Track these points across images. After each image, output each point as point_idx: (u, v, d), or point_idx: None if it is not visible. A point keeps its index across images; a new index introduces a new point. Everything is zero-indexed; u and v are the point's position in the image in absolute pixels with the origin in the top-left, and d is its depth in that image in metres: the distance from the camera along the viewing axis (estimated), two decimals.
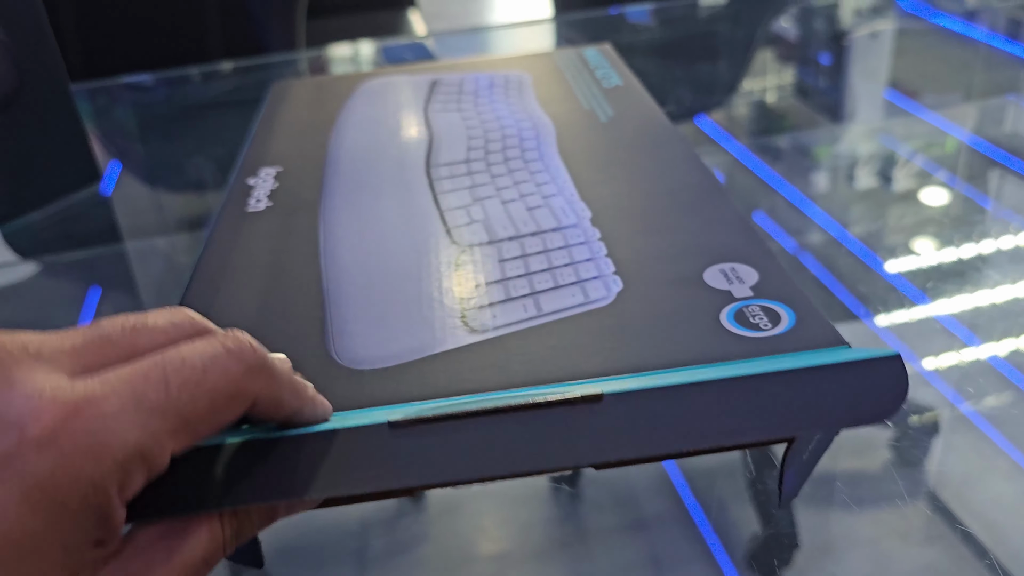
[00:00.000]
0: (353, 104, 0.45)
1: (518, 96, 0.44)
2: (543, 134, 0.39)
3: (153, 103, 0.78)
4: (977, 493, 0.31)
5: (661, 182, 0.33)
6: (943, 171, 0.55)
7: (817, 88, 0.72)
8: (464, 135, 0.40)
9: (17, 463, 0.16)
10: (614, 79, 0.46)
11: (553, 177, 0.35)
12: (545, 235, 0.30)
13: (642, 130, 0.39)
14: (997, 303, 0.41)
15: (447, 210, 0.33)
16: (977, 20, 0.81)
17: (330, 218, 0.33)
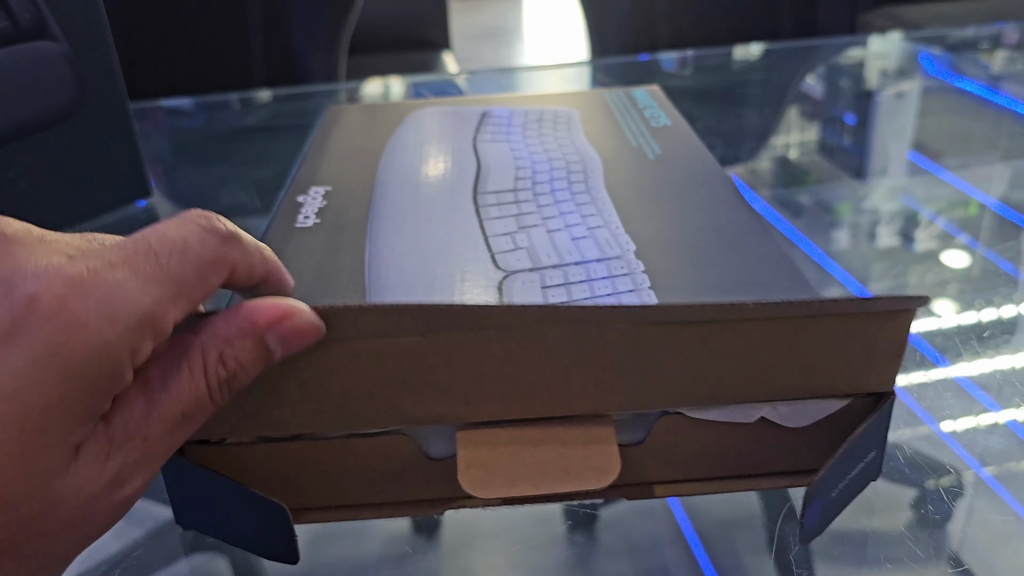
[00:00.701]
0: (404, 130, 0.46)
1: (567, 131, 0.45)
2: (590, 168, 0.39)
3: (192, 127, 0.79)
4: (1000, 558, 0.31)
5: (706, 219, 0.33)
6: (964, 234, 0.55)
7: (841, 146, 0.72)
8: (512, 165, 0.40)
9: (31, 329, 0.17)
10: (663, 119, 0.46)
11: (599, 210, 0.35)
12: (589, 265, 0.30)
13: (689, 168, 0.39)
14: (1017, 367, 0.41)
15: (492, 236, 0.33)
16: (1000, 86, 0.82)
17: (376, 237, 0.33)
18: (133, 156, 0.58)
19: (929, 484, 0.35)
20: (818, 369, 0.25)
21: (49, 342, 0.17)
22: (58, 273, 0.18)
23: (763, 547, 0.32)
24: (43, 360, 0.17)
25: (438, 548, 0.33)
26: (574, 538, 0.33)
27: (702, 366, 0.25)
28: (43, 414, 0.17)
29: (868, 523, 0.33)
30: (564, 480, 0.24)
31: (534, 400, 0.25)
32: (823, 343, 0.25)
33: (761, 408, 0.26)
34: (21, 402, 0.16)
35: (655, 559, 0.32)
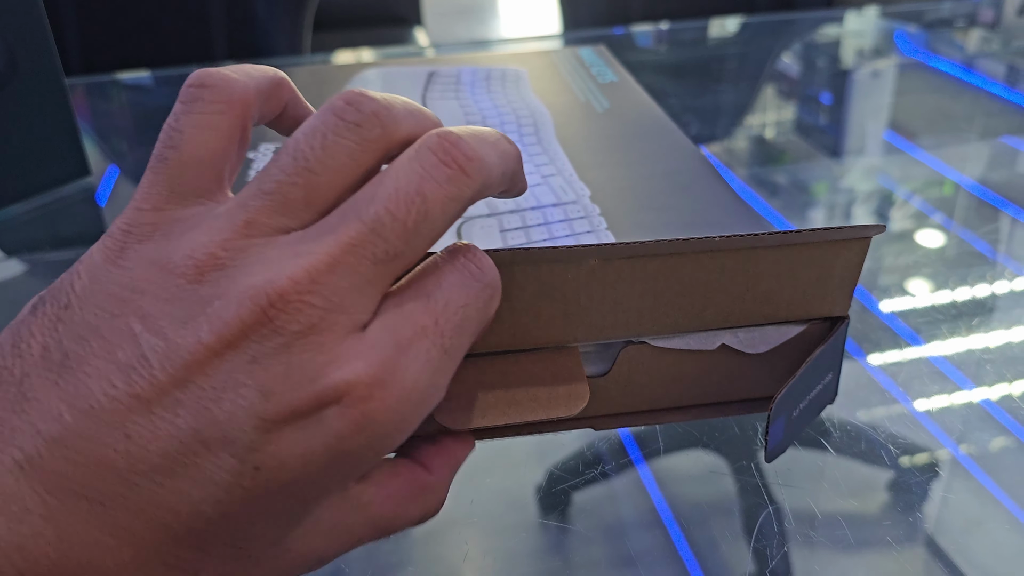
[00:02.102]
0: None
1: (515, 88, 0.46)
2: (540, 122, 0.40)
3: (152, 102, 0.77)
4: (974, 539, 0.31)
5: (657, 166, 0.34)
6: (940, 213, 0.55)
7: (817, 125, 0.72)
8: (463, 121, 0.41)
9: (325, 423, 0.17)
10: (609, 76, 0.47)
11: (552, 159, 0.35)
12: (545, 210, 0.31)
13: (638, 120, 0.40)
14: (992, 347, 0.41)
15: None
16: (976, 66, 0.82)
17: None
18: (70, 133, 0.56)
19: (904, 464, 0.34)
20: (776, 296, 0.26)
21: (347, 448, 0.17)
22: (365, 370, 0.17)
23: (739, 530, 0.32)
24: (337, 459, 0.17)
25: (408, 535, 0.33)
26: (548, 523, 0.33)
27: (665, 297, 0.25)
28: (323, 497, 0.18)
29: (844, 504, 0.32)
30: (534, 409, 0.24)
31: (501, 334, 0.25)
32: (781, 272, 0.26)
33: (721, 335, 0.26)
34: (304, 491, 0.18)
35: (631, 543, 0.31)
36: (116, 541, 0.16)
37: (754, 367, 0.27)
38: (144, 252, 0.18)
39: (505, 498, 0.34)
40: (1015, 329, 0.42)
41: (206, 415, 0.16)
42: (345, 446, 0.17)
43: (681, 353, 0.26)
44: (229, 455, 0.17)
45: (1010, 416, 0.36)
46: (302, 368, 0.17)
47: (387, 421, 0.18)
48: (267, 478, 0.17)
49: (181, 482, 0.16)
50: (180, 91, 0.20)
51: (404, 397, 0.18)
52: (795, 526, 0.31)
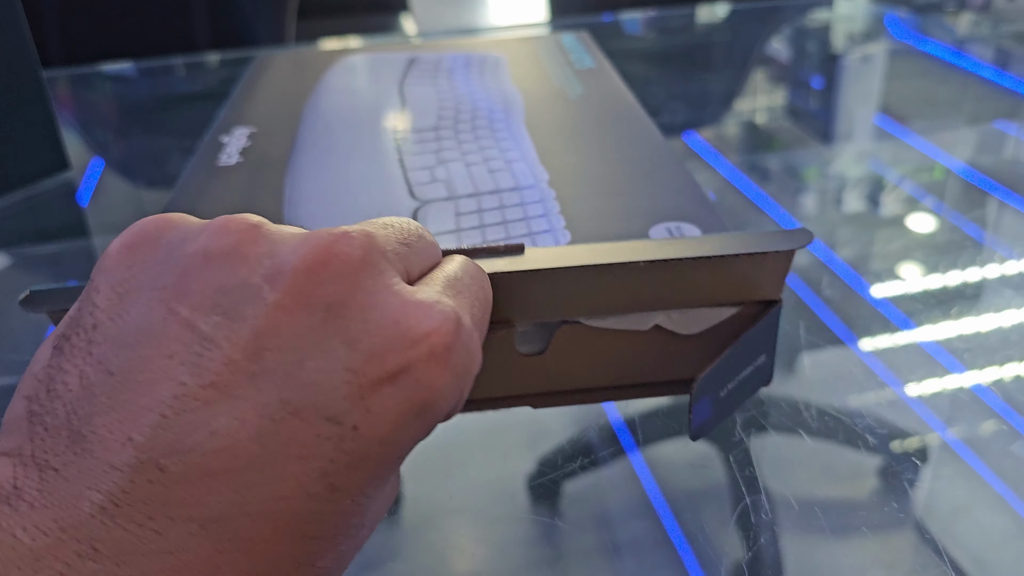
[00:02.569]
0: (331, 75, 0.47)
1: (492, 74, 0.46)
2: (512, 107, 0.41)
3: (134, 93, 0.76)
4: (963, 524, 0.31)
5: (620, 152, 0.35)
6: (930, 197, 0.55)
7: (807, 109, 0.72)
8: (436, 106, 0.41)
9: (418, 374, 0.16)
10: (588, 62, 0.48)
11: (517, 145, 0.36)
12: (503, 194, 0.31)
13: (608, 107, 0.40)
14: (982, 332, 0.41)
15: (411, 170, 0.34)
16: (966, 49, 0.82)
17: (296, 174, 0.34)
18: (48, 127, 0.55)
19: (894, 449, 0.34)
20: (708, 287, 0.27)
21: (430, 398, 0.17)
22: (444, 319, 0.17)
23: (730, 517, 0.31)
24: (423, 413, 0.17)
25: (399, 525, 0.33)
26: (539, 512, 0.32)
27: (598, 287, 0.26)
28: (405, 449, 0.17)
29: (833, 490, 0.32)
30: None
31: None
32: (712, 273, 0.26)
33: (655, 316, 0.27)
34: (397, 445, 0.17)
35: (622, 531, 0.31)
36: (230, 557, 0.14)
37: (688, 348, 0.27)
38: (165, 239, 0.17)
39: (495, 488, 0.34)
40: (1006, 313, 0.42)
41: (291, 381, 0.15)
42: (432, 398, 0.17)
43: (616, 333, 0.26)
44: (325, 419, 0.15)
45: (1001, 400, 0.36)
46: (381, 310, 0.16)
47: (463, 370, 0.17)
48: (367, 437, 0.16)
49: (283, 464, 0.15)
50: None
51: (470, 342, 0.18)
52: (785, 512, 0.31)
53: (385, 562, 0.31)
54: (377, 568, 0.31)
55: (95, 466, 0.14)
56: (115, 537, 0.14)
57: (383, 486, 0.17)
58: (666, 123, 0.66)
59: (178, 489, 0.14)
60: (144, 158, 0.64)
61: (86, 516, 0.14)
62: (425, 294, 0.18)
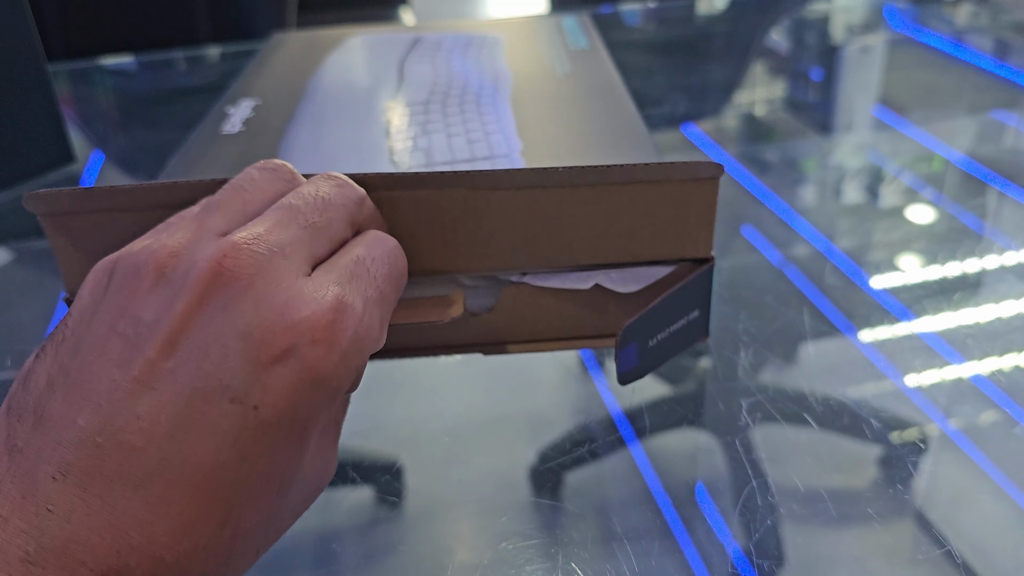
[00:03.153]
0: (338, 53, 0.49)
1: (489, 54, 0.48)
2: (501, 84, 0.43)
3: (135, 87, 0.76)
4: (963, 513, 0.31)
5: (594, 125, 0.37)
6: (929, 188, 0.55)
7: (806, 101, 0.72)
8: (430, 83, 0.43)
9: (304, 352, 0.20)
10: (582, 43, 0.49)
11: (498, 118, 0.38)
12: (477, 162, 0.33)
13: (591, 85, 0.42)
14: (981, 322, 0.41)
15: (396, 140, 0.36)
16: (965, 40, 0.82)
17: (289, 141, 0.36)
18: (53, 121, 0.55)
19: (894, 439, 0.34)
20: (637, 234, 0.29)
21: (320, 370, 0.20)
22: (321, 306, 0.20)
23: (729, 506, 0.32)
24: (314, 386, 0.20)
25: (401, 517, 0.33)
26: (539, 503, 0.33)
27: (533, 230, 0.28)
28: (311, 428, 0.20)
29: (833, 479, 0.33)
30: (410, 315, 0.27)
31: None
32: (636, 209, 0.28)
33: (595, 275, 0.29)
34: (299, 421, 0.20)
35: (622, 520, 0.31)
36: (159, 513, 0.18)
37: (626, 305, 0.30)
38: (116, 271, 0.21)
39: (496, 478, 0.34)
40: (1004, 303, 0.43)
41: (199, 371, 0.19)
42: (322, 372, 0.20)
43: (558, 292, 0.29)
44: (228, 401, 0.19)
45: (999, 390, 0.36)
46: (268, 303, 0.20)
47: (349, 347, 0.20)
48: (268, 413, 0.19)
49: (195, 438, 0.18)
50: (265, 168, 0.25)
51: (358, 324, 0.21)
52: (784, 501, 0.31)
53: (387, 553, 0.31)
54: (380, 559, 0.31)
55: (48, 444, 0.18)
56: (64, 499, 0.17)
57: (297, 454, 0.20)
58: (665, 114, 0.66)
59: (110, 460, 0.18)
60: (145, 151, 0.64)
61: (41, 484, 0.18)
62: (314, 284, 0.21)
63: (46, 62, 0.54)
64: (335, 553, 0.31)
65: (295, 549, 0.31)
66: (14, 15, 0.51)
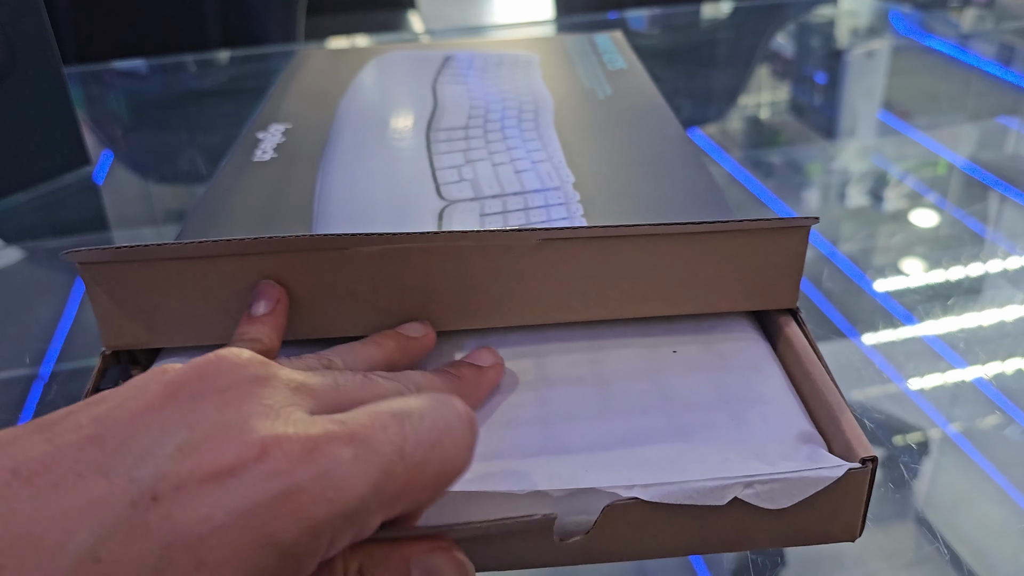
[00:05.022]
0: (367, 72, 0.48)
1: (524, 74, 0.46)
2: (542, 107, 0.41)
3: (147, 91, 0.77)
4: (964, 516, 0.31)
5: (645, 153, 0.35)
6: (933, 193, 0.55)
7: (811, 105, 0.72)
8: (467, 105, 0.42)
9: (247, 479, 0.15)
10: (619, 63, 0.48)
11: (544, 146, 0.36)
12: (527, 195, 0.32)
13: (636, 108, 0.40)
14: (984, 325, 0.42)
15: (439, 169, 0.34)
16: (969, 45, 0.82)
17: (328, 170, 0.34)
18: (69, 123, 0.56)
19: (896, 442, 0.35)
20: (719, 284, 0.26)
21: (260, 501, 0.15)
22: (295, 431, 0.16)
23: None
24: (248, 517, 0.15)
25: None
26: None
27: (607, 279, 0.26)
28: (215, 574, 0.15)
29: None
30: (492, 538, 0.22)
31: (454, 311, 0.26)
32: (721, 258, 0.26)
33: (733, 488, 0.21)
34: (203, 552, 0.15)
35: None
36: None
37: (771, 521, 0.22)
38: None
39: None
40: (1008, 308, 0.43)
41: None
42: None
43: (678, 508, 0.21)
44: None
45: (1002, 394, 0.37)
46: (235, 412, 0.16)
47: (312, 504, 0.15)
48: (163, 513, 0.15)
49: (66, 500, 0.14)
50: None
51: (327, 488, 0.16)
52: None
53: None
54: None
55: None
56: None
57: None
58: None
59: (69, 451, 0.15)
60: (156, 154, 0.65)
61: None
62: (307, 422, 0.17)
63: (62, 67, 0.55)
64: None
65: None
66: (31, 20, 0.52)
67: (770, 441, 0.22)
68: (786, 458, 0.22)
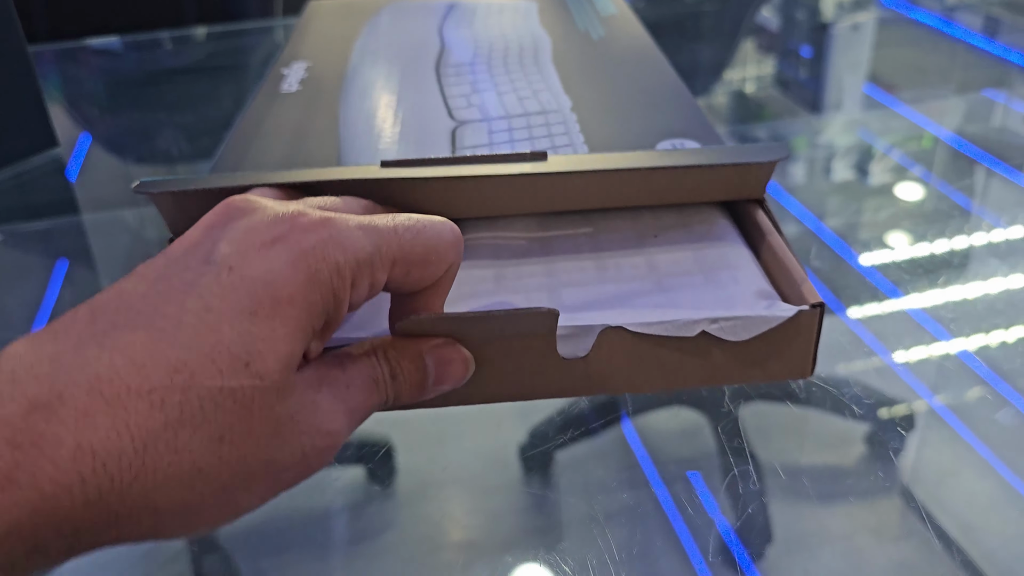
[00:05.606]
0: (378, 19, 0.53)
1: (523, 19, 0.51)
2: (540, 47, 0.46)
3: (122, 69, 0.75)
4: (950, 490, 0.32)
5: (635, 84, 0.39)
6: (919, 166, 0.55)
7: (797, 79, 0.72)
8: (472, 46, 0.46)
9: (289, 238, 0.21)
10: (611, 9, 0.52)
11: (544, 78, 0.41)
12: (530, 116, 0.36)
13: (627, 47, 0.45)
14: (969, 298, 0.42)
15: (450, 97, 0.38)
16: (955, 17, 0.81)
17: (348, 99, 0.39)
18: (35, 105, 0.55)
19: (882, 416, 0.35)
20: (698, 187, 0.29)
21: (301, 250, 0.21)
22: (313, 210, 0.22)
23: (719, 484, 0.32)
24: (295, 261, 0.20)
25: (393, 497, 0.33)
26: (531, 481, 0.33)
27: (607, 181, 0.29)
28: (290, 304, 0.20)
29: (821, 456, 0.33)
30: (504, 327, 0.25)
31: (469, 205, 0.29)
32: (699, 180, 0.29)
33: (701, 323, 0.26)
34: (275, 290, 0.20)
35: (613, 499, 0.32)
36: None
37: (736, 353, 0.26)
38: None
39: (487, 458, 0.34)
40: (993, 281, 0.43)
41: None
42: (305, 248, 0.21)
43: (659, 339, 0.26)
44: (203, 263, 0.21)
45: (986, 367, 0.37)
46: None
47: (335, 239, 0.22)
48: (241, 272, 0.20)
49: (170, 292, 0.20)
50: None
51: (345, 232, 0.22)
52: (771, 479, 0.32)
53: (378, 535, 0.31)
54: (372, 539, 0.31)
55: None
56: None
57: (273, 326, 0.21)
58: None
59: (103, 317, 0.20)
60: (132, 133, 0.64)
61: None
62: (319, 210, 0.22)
63: (27, 45, 0.53)
64: (330, 531, 0.31)
65: (287, 529, 0.31)
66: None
67: (736, 294, 0.27)
68: (748, 307, 0.26)
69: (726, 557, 0.29)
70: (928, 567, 0.29)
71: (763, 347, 0.26)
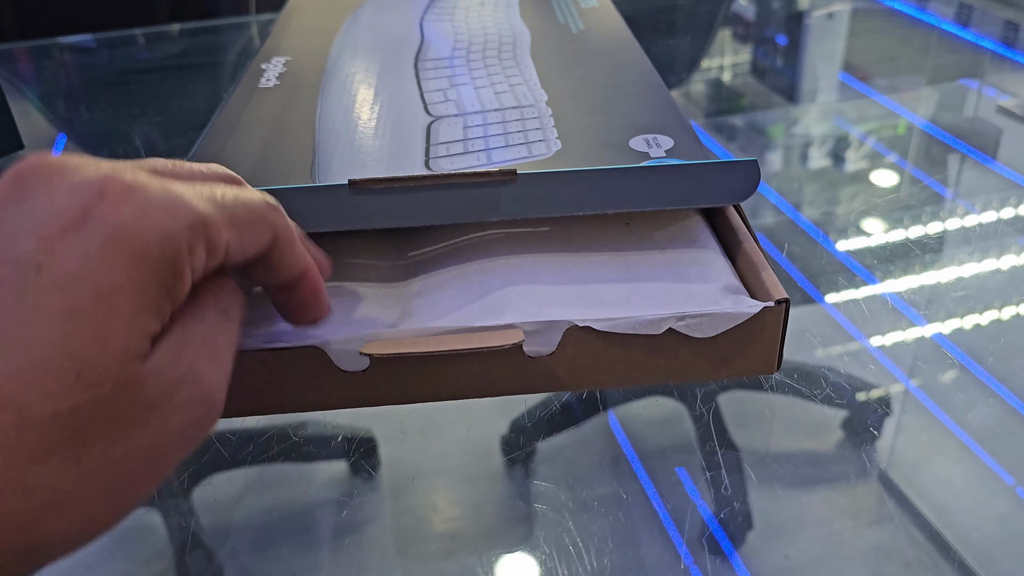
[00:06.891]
0: (359, 13, 0.52)
1: (504, 11, 0.51)
2: (519, 40, 0.45)
3: (96, 66, 0.75)
4: (926, 474, 0.32)
5: (611, 78, 0.39)
6: (894, 153, 0.55)
7: (773, 68, 0.72)
8: (451, 39, 0.46)
9: (100, 213, 0.18)
10: (591, 1, 0.52)
11: (521, 71, 0.41)
12: (505, 111, 0.35)
13: (605, 40, 0.45)
14: (944, 283, 0.42)
15: (427, 92, 0.38)
16: (929, 6, 0.82)
17: (327, 94, 0.39)
18: None
19: (859, 399, 0.35)
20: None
21: (117, 225, 0.18)
22: (124, 174, 0.19)
23: (700, 471, 0.32)
24: (113, 242, 0.18)
25: (376, 489, 0.33)
26: (513, 472, 0.33)
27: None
28: (116, 294, 0.18)
29: (799, 442, 0.33)
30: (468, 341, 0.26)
31: None
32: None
33: (668, 320, 0.26)
34: (95, 282, 0.17)
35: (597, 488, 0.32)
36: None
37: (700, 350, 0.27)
38: None
39: (471, 448, 0.34)
40: (966, 265, 0.43)
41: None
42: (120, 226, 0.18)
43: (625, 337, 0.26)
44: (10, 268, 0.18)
45: (961, 350, 0.37)
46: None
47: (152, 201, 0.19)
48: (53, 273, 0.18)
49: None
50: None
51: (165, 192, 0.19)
52: (750, 463, 0.32)
53: (363, 526, 0.32)
54: (356, 531, 0.31)
55: None
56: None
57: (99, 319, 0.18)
58: None
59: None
60: (106, 131, 0.63)
61: None
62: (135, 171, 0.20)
63: None
64: (314, 523, 0.31)
65: (272, 521, 0.31)
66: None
67: (703, 290, 0.27)
68: (714, 303, 0.26)
69: (708, 542, 0.30)
70: (905, 550, 0.29)
71: (729, 343, 0.26)
